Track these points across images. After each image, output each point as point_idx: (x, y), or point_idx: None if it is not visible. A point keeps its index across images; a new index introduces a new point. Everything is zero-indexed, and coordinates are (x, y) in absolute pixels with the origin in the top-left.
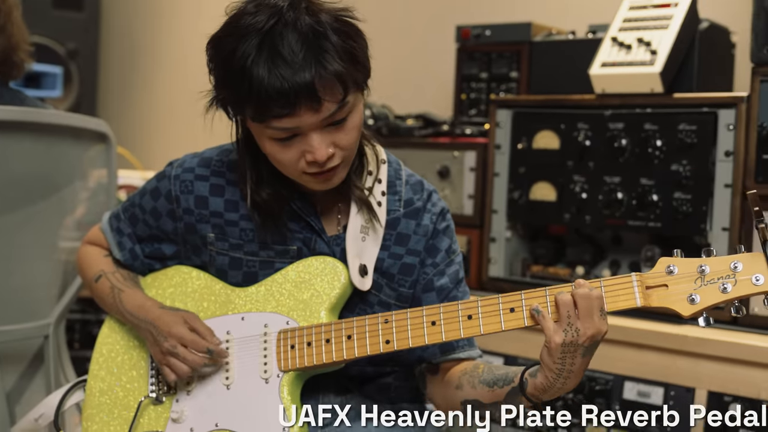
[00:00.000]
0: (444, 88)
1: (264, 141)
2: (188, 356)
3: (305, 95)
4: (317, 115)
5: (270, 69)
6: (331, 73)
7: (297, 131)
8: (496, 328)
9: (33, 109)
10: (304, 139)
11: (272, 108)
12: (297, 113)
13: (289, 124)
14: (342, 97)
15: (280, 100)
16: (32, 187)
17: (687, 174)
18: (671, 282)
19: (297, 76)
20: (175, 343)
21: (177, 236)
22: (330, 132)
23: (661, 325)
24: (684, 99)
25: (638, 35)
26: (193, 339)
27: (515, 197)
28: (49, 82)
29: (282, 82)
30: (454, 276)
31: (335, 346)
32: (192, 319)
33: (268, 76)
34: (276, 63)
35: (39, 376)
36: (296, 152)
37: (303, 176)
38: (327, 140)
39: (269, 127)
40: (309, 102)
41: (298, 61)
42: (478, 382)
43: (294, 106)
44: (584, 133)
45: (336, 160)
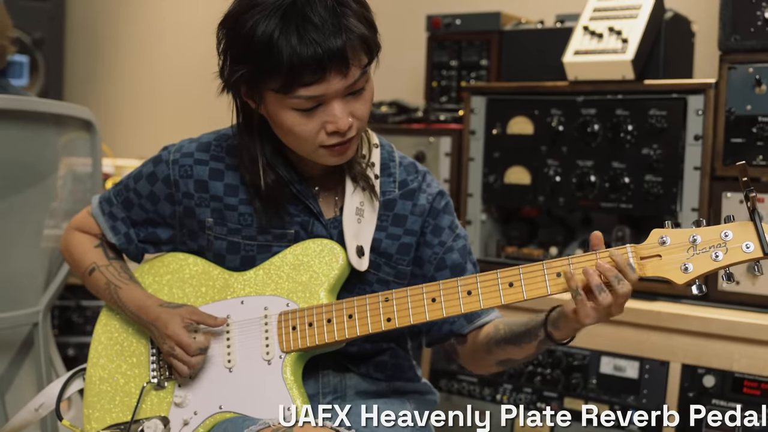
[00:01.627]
0: (415, 75)
1: (284, 114)
2: (184, 358)
3: (336, 60)
4: (344, 81)
5: (301, 36)
6: (358, 37)
7: (321, 100)
8: (496, 303)
9: (18, 97)
10: (326, 109)
11: (303, 75)
12: (326, 78)
13: (317, 91)
14: (367, 62)
15: (312, 65)
16: (18, 175)
17: (657, 157)
18: (664, 252)
19: (329, 41)
20: (172, 344)
21: (174, 220)
22: (349, 102)
23: (637, 302)
24: (654, 85)
25: (609, 24)
26: (185, 341)
27: (490, 181)
28: (15, 70)
29: (315, 47)
30: (462, 249)
31: (337, 325)
32: (188, 313)
33: (299, 43)
34: (307, 30)
35: (28, 363)
36: (317, 123)
37: (319, 150)
38: (347, 110)
39: (295, 96)
40: (339, 67)
41: (329, 27)
42: (504, 343)
43: (325, 71)
44: (557, 119)
45: (354, 130)
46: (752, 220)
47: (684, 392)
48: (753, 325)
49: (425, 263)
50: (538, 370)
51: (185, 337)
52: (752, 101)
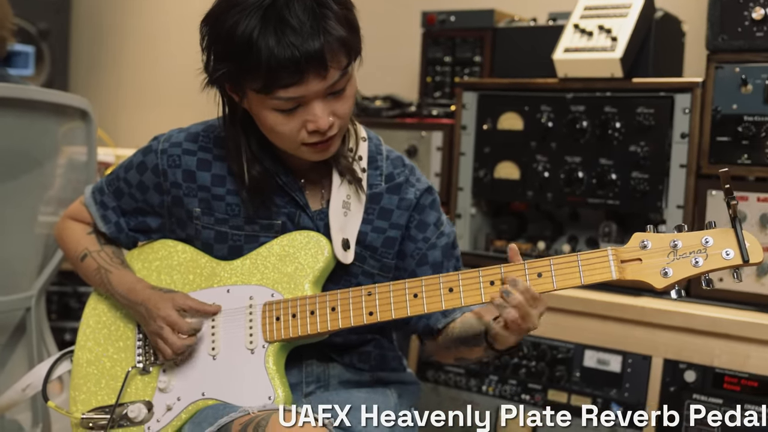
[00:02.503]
0: (410, 71)
1: (265, 113)
2: (171, 338)
3: (314, 62)
4: (323, 83)
5: (279, 39)
6: (337, 40)
7: (301, 101)
8: (477, 300)
9: (15, 86)
10: (306, 109)
11: (281, 77)
12: (305, 81)
13: (296, 93)
14: (346, 63)
15: (290, 67)
16: (14, 162)
17: (644, 155)
18: (645, 256)
19: (306, 43)
20: (162, 324)
21: (163, 209)
22: (330, 102)
23: (621, 297)
24: (642, 84)
25: (599, 22)
26: (177, 321)
27: (480, 176)
28: (21, 61)
29: (292, 50)
30: (445, 248)
31: (320, 317)
32: (182, 298)
33: (277, 45)
34: (284, 32)
35: (20, 347)
36: (298, 123)
37: (301, 148)
38: (327, 109)
39: (274, 97)
40: (317, 69)
41: (307, 29)
42: (459, 343)
43: (303, 73)
44: (547, 115)
45: (335, 129)
46: (733, 227)
47: (665, 387)
48: (734, 321)
49: (407, 257)
50: (523, 362)
51: (177, 318)
52: (738, 100)
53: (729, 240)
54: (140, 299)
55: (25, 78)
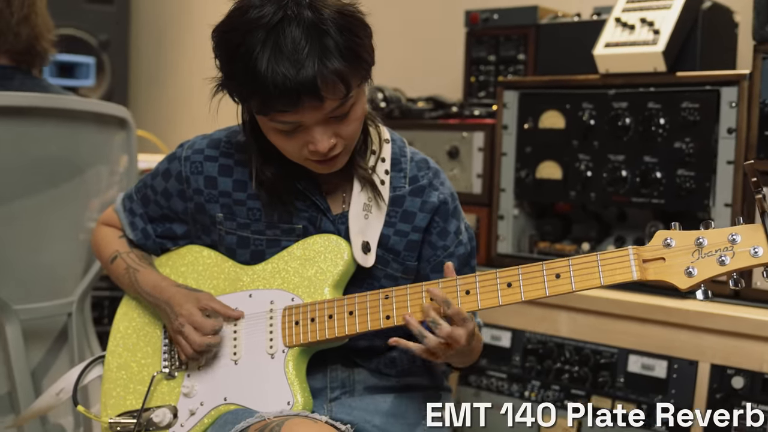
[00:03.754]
0: (454, 71)
1: (268, 131)
2: (192, 336)
3: (308, 93)
4: (319, 112)
5: (273, 66)
6: (333, 72)
7: (299, 124)
8: (494, 303)
9: (53, 95)
10: (306, 131)
11: (275, 104)
12: (299, 110)
13: (292, 118)
14: (344, 94)
15: (283, 97)
16: (55, 171)
17: (690, 151)
18: (668, 255)
19: (300, 74)
20: (183, 321)
21: (187, 216)
22: (332, 124)
23: (664, 299)
24: (687, 77)
25: (641, 15)
26: (200, 320)
27: (522, 176)
28: (82, 72)
29: (284, 80)
30: (462, 257)
31: (338, 321)
32: (207, 299)
33: (271, 73)
34: (279, 60)
35: (64, 352)
36: (299, 142)
37: (306, 162)
38: (329, 132)
39: (273, 120)
40: (311, 100)
41: (301, 59)
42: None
43: (297, 103)
44: (589, 113)
45: (338, 148)
46: (762, 223)
47: (712, 393)
48: None
49: (423, 261)
50: (566, 367)
51: (199, 317)
52: None
53: (758, 237)
54: (165, 297)
55: (86, 89)
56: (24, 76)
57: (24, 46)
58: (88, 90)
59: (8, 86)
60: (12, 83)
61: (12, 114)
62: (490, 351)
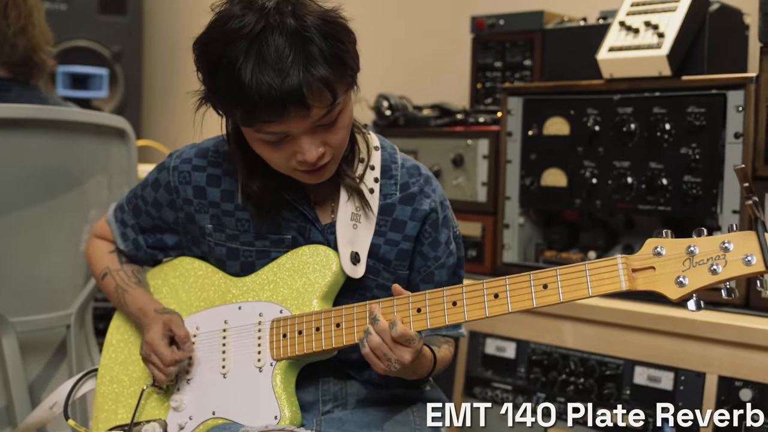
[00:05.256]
0: (460, 78)
1: (254, 142)
2: (158, 365)
3: (293, 102)
4: (306, 120)
5: (257, 76)
6: (319, 80)
7: (287, 135)
8: (480, 315)
9: (50, 107)
10: (294, 141)
11: (261, 115)
12: (286, 119)
13: (278, 129)
14: (331, 102)
15: (269, 107)
16: (53, 182)
17: (696, 157)
18: (659, 264)
19: (285, 83)
20: (149, 351)
21: (178, 226)
22: (320, 133)
23: (671, 310)
24: (692, 81)
25: (646, 18)
26: (160, 351)
27: (527, 183)
28: (95, 83)
29: (269, 89)
30: (451, 267)
31: (325, 334)
32: (174, 322)
33: (256, 83)
34: (263, 70)
35: (63, 365)
36: (286, 153)
37: (294, 172)
38: (317, 141)
39: (259, 131)
40: (298, 108)
41: (286, 67)
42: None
43: (282, 113)
44: (593, 119)
45: (326, 157)
46: (755, 230)
47: (720, 405)
48: None
49: (413, 271)
50: (571, 379)
51: (162, 347)
52: None
53: (750, 244)
54: (145, 321)
55: (100, 100)
56: (21, 87)
57: (21, 58)
58: (102, 101)
59: (5, 98)
60: (9, 95)
61: (9, 126)
62: (494, 362)
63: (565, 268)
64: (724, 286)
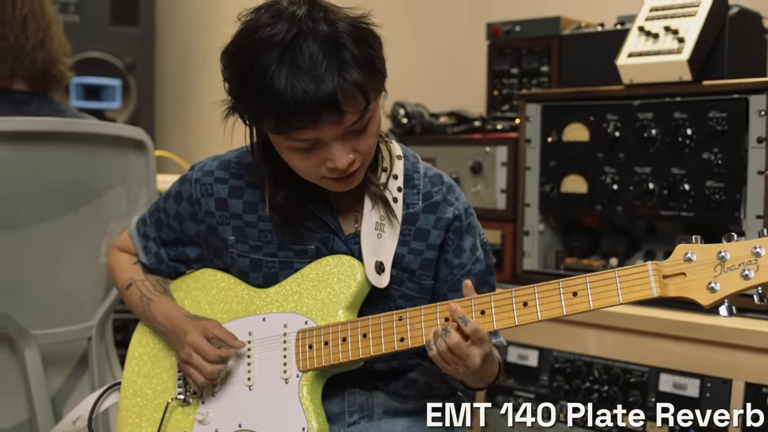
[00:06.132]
0: (477, 84)
1: (283, 151)
2: (201, 365)
3: (328, 107)
4: (339, 126)
5: (292, 83)
6: (353, 84)
7: (318, 141)
8: (510, 323)
9: (71, 120)
10: (324, 148)
11: (294, 121)
12: (319, 126)
13: (311, 135)
14: (364, 107)
15: (303, 113)
16: (73, 194)
17: (719, 162)
18: (689, 270)
19: (320, 88)
20: (190, 351)
21: (200, 239)
22: (350, 139)
23: (696, 316)
24: (713, 86)
25: (665, 23)
26: (205, 347)
27: (547, 190)
28: (108, 94)
29: (304, 95)
30: (479, 274)
31: (351, 345)
32: (212, 326)
33: (290, 90)
34: (297, 76)
35: (85, 378)
36: (316, 160)
37: (323, 180)
38: (347, 148)
39: (290, 138)
40: (331, 114)
41: (320, 73)
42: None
43: (316, 119)
44: (613, 124)
45: (356, 165)
46: None
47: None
48: None
49: (440, 281)
50: (595, 386)
51: (205, 344)
52: None
53: None
54: (175, 327)
55: (113, 111)
56: (40, 100)
57: (40, 71)
58: (115, 112)
59: (25, 111)
60: (28, 108)
61: (29, 139)
62: (517, 370)
63: (594, 275)
64: (756, 291)
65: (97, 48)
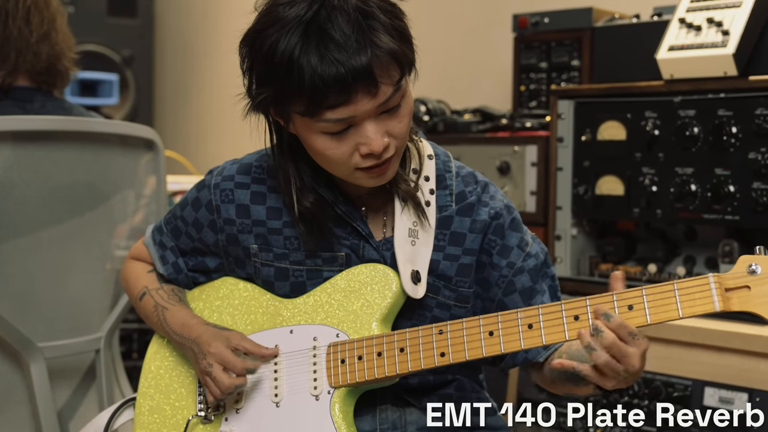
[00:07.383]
0: (502, 80)
1: (313, 138)
2: (220, 377)
3: (362, 79)
4: (374, 100)
5: (322, 55)
6: (387, 52)
7: (351, 121)
8: (560, 338)
9: (78, 118)
10: (357, 130)
11: (327, 97)
12: (353, 100)
13: (344, 113)
14: (398, 78)
15: (336, 86)
16: (80, 197)
17: (766, 162)
18: (754, 283)
19: (353, 59)
20: (211, 361)
21: (219, 249)
22: (383, 120)
23: (742, 326)
24: (760, 81)
25: (708, 15)
26: (231, 359)
27: (580, 192)
28: (105, 89)
29: (338, 66)
30: (533, 270)
31: (387, 360)
32: (238, 338)
33: (320, 63)
34: (328, 48)
35: (92, 391)
36: (349, 146)
37: (355, 173)
38: (381, 129)
39: (321, 120)
40: (366, 86)
41: (352, 43)
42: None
43: (350, 92)
44: (652, 122)
45: (390, 150)
46: None
47: None
48: None
49: (492, 286)
50: (634, 401)
51: (230, 355)
52: None
53: None
54: (193, 335)
55: (110, 107)
56: (45, 97)
57: (44, 66)
58: (112, 108)
59: (28, 109)
60: (32, 106)
61: (33, 138)
62: None
63: (651, 288)
64: None
65: (93, 41)
